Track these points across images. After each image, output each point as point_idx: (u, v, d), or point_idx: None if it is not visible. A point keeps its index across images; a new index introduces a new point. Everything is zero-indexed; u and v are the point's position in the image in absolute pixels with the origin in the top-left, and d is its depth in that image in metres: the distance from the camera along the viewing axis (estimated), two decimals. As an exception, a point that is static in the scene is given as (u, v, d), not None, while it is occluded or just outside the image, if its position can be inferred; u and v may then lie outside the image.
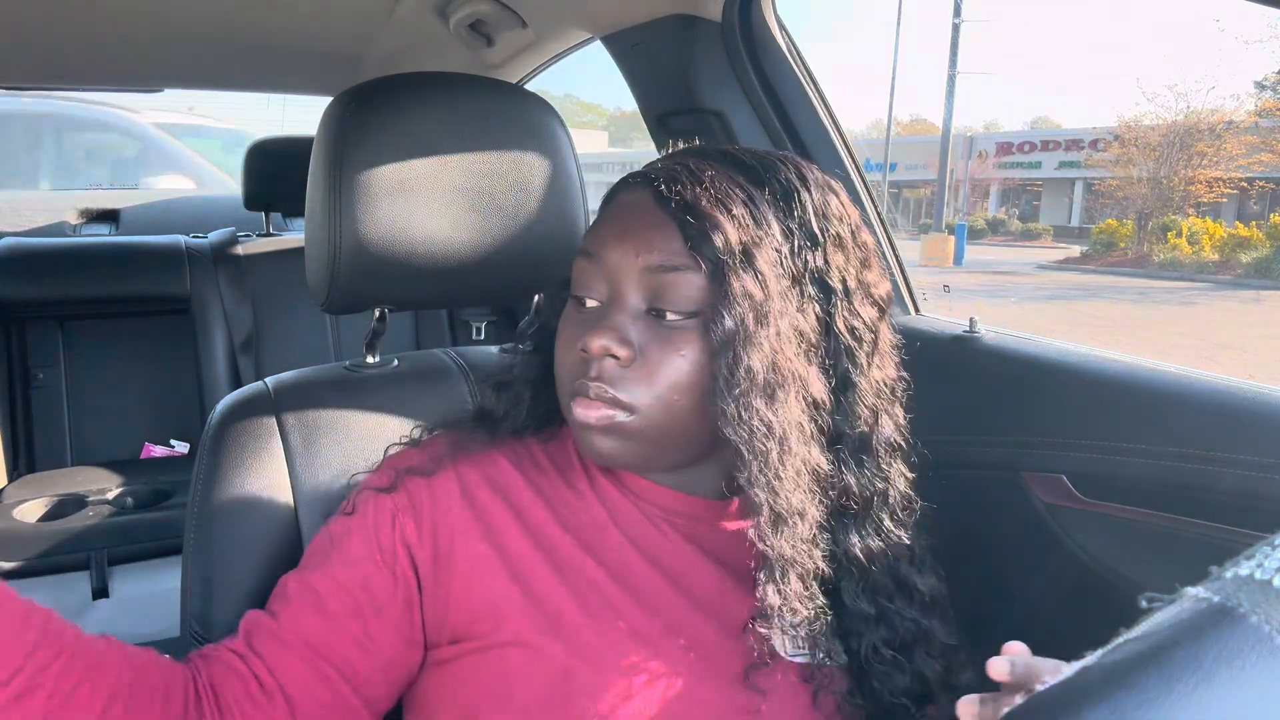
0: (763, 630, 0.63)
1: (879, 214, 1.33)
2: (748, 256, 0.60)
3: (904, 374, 0.72)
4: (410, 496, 0.68)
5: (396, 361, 0.98)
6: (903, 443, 0.70)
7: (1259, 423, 0.85)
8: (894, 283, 1.32)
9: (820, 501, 0.64)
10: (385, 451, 0.75)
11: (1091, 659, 0.26)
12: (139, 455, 2.25)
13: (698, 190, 0.61)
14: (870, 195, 1.33)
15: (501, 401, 0.73)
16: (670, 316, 0.62)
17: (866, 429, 0.66)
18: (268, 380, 0.91)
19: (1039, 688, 0.27)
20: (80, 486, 1.98)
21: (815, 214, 0.64)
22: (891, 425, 0.68)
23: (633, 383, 0.62)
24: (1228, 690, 0.24)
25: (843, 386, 0.66)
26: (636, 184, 0.66)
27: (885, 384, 0.68)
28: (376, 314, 0.95)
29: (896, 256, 1.33)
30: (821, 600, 0.65)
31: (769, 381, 0.60)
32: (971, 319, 1.17)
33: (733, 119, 1.31)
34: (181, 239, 2.33)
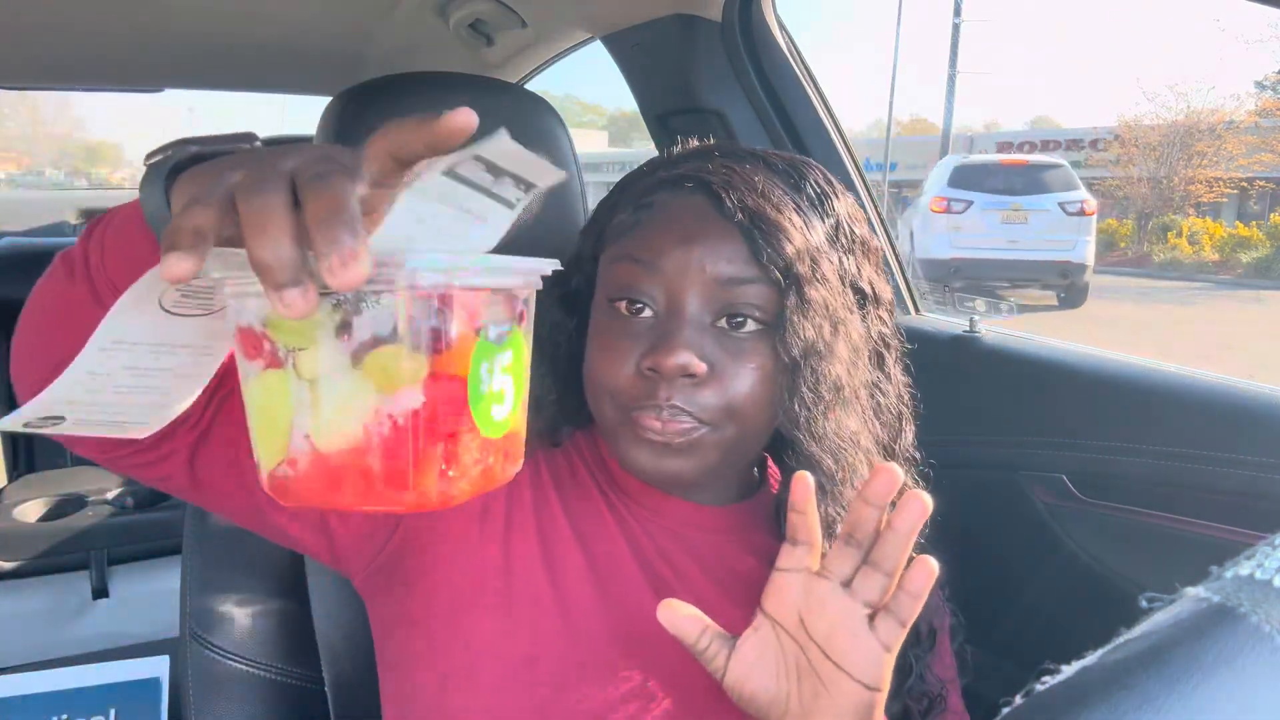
0: None
1: (879, 214, 1.33)
2: (815, 264, 0.59)
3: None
4: None
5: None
6: (915, 455, 0.68)
7: (1259, 423, 0.85)
8: (894, 283, 1.32)
9: None
10: None
11: (1091, 659, 0.26)
12: (139, 455, 2.25)
13: (758, 199, 0.59)
14: (870, 195, 1.33)
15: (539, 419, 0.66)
16: (739, 329, 0.60)
17: (893, 435, 0.66)
18: (267, 380, 0.91)
19: (1038, 687, 0.27)
20: (80, 486, 1.98)
21: (846, 219, 0.63)
22: (910, 433, 0.67)
23: (705, 398, 0.59)
24: (1228, 690, 0.24)
25: (881, 390, 0.65)
26: (689, 188, 0.62)
27: (904, 389, 0.67)
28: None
29: (896, 257, 1.33)
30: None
31: (850, 392, 0.59)
32: (972, 319, 1.17)
33: (733, 119, 1.31)
34: None
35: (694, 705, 0.61)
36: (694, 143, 0.69)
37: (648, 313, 0.61)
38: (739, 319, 0.59)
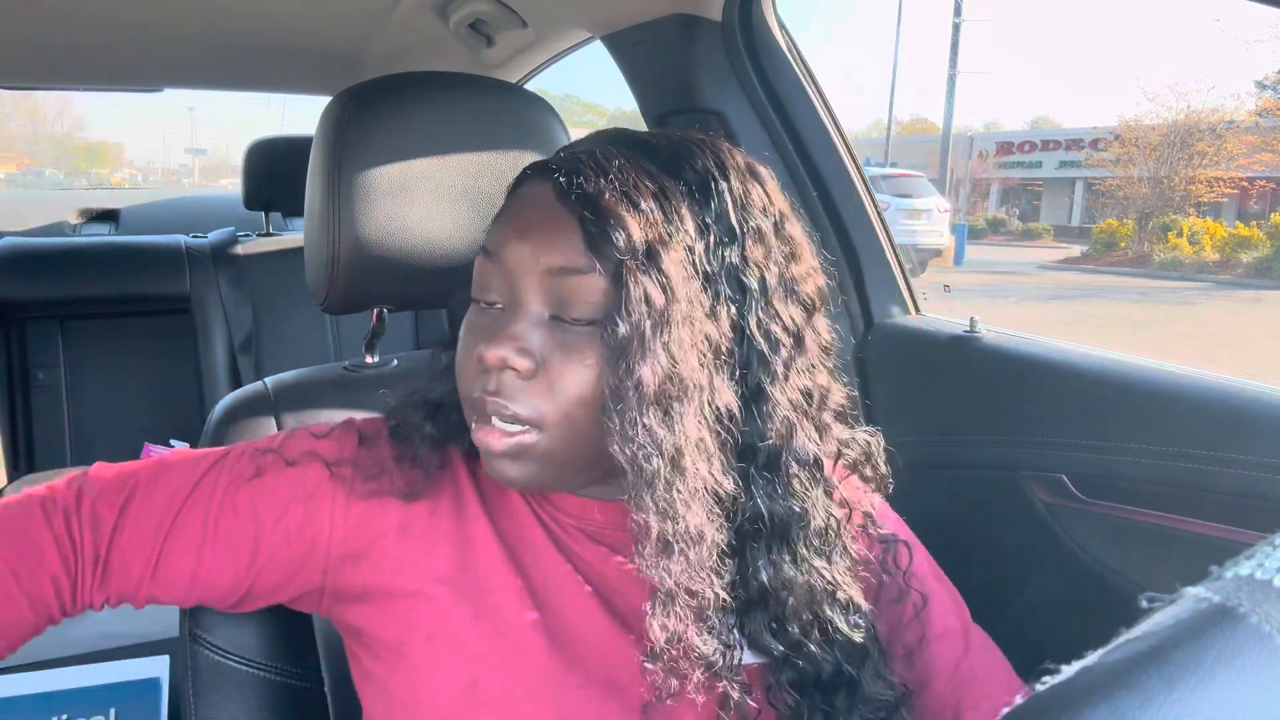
0: (651, 668, 0.58)
1: (879, 213, 1.33)
2: (651, 257, 0.55)
3: (845, 382, 0.66)
4: (354, 482, 0.66)
5: (396, 361, 0.98)
6: (825, 460, 0.63)
7: (1259, 423, 0.85)
8: (895, 283, 1.32)
9: (722, 524, 0.58)
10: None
11: (1091, 659, 0.26)
12: (139, 455, 2.25)
13: (601, 183, 0.56)
14: (870, 195, 1.33)
15: (437, 428, 0.67)
16: (572, 323, 0.58)
17: (778, 444, 0.60)
18: (267, 380, 0.91)
19: (1038, 687, 0.27)
20: None
21: (734, 205, 0.59)
22: (809, 441, 0.61)
23: (534, 395, 0.58)
24: (1229, 690, 0.24)
25: (755, 396, 0.60)
26: (538, 176, 0.61)
27: (807, 393, 0.61)
28: (376, 314, 0.95)
29: (896, 256, 1.33)
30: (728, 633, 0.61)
31: (664, 394, 0.55)
32: (972, 319, 1.17)
33: (733, 119, 1.31)
34: (181, 239, 2.33)
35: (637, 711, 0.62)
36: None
37: (499, 305, 0.61)
38: (569, 313, 0.58)
